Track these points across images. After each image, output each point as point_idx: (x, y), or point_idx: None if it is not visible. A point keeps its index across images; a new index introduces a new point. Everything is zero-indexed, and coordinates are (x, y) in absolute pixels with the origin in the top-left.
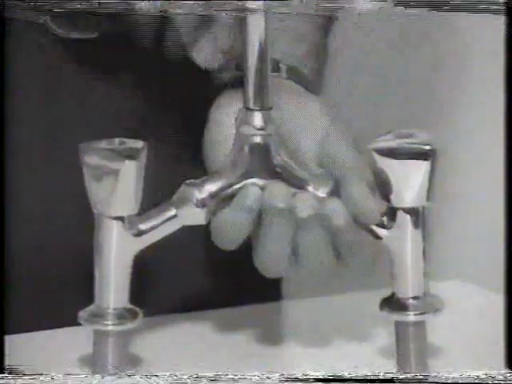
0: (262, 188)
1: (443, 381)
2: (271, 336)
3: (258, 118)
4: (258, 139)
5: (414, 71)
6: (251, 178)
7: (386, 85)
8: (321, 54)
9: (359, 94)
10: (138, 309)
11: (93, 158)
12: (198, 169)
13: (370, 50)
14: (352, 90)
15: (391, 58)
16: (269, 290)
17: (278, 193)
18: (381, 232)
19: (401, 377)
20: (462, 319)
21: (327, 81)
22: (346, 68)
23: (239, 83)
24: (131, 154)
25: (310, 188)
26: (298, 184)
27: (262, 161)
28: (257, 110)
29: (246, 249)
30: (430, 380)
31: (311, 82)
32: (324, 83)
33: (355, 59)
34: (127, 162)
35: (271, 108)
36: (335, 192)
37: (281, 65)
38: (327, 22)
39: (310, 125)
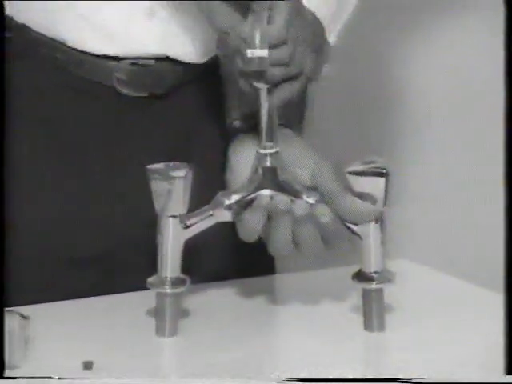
0: (271, 197)
1: (441, 381)
2: (269, 303)
3: (268, 148)
4: (267, 163)
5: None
6: (263, 189)
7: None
8: (302, 108)
9: (335, 132)
10: (186, 277)
11: (155, 175)
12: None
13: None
14: (330, 128)
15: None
16: (265, 266)
17: (282, 201)
18: (353, 227)
19: (402, 377)
20: (406, 288)
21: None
22: (324, 113)
23: (248, 131)
24: (180, 174)
25: (304, 197)
26: (296, 194)
27: (271, 177)
28: (268, 142)
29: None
30: (427, 381)
31: (296, 127)
32: (304, 128)
33: (330, 106)
34: (177, 179)
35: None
36: (321, 200)
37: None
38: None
39: (299, 159)
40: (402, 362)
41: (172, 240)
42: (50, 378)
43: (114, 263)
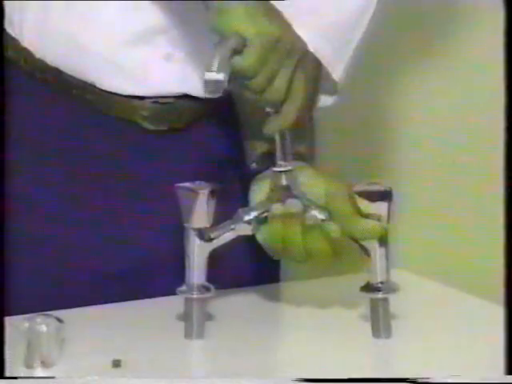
0: (283, 204)
1: (444, 381)
2: (281, 309)
3: (283, 166)
4: (283, 182)
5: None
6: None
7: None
8: (310, 141)
9: (345, 157)
10: (211, 285)
11: (183, 192)
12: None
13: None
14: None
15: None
16: (270, 274)
17: (293, 203)
18: (361, 242)
19: (409, 377)
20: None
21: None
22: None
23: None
24: (204, 191)
25: (316, 213)
26: (308, 210)
27: (286, 195)
28: (282, 161)
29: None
30: (433, 381)
31: (307, 157)
32: (314, 156)
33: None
34: (201, 196)
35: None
36: (330, 218)
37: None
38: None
39: (312, 181)
40: (408, 365)
41: (197, 251)
42: (53, 377)
43: (144, 273)
